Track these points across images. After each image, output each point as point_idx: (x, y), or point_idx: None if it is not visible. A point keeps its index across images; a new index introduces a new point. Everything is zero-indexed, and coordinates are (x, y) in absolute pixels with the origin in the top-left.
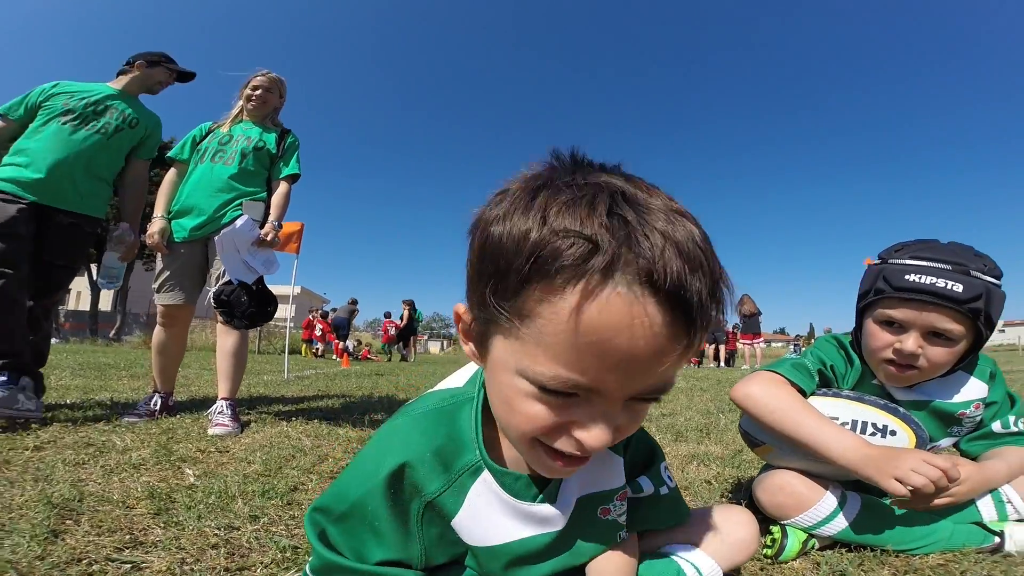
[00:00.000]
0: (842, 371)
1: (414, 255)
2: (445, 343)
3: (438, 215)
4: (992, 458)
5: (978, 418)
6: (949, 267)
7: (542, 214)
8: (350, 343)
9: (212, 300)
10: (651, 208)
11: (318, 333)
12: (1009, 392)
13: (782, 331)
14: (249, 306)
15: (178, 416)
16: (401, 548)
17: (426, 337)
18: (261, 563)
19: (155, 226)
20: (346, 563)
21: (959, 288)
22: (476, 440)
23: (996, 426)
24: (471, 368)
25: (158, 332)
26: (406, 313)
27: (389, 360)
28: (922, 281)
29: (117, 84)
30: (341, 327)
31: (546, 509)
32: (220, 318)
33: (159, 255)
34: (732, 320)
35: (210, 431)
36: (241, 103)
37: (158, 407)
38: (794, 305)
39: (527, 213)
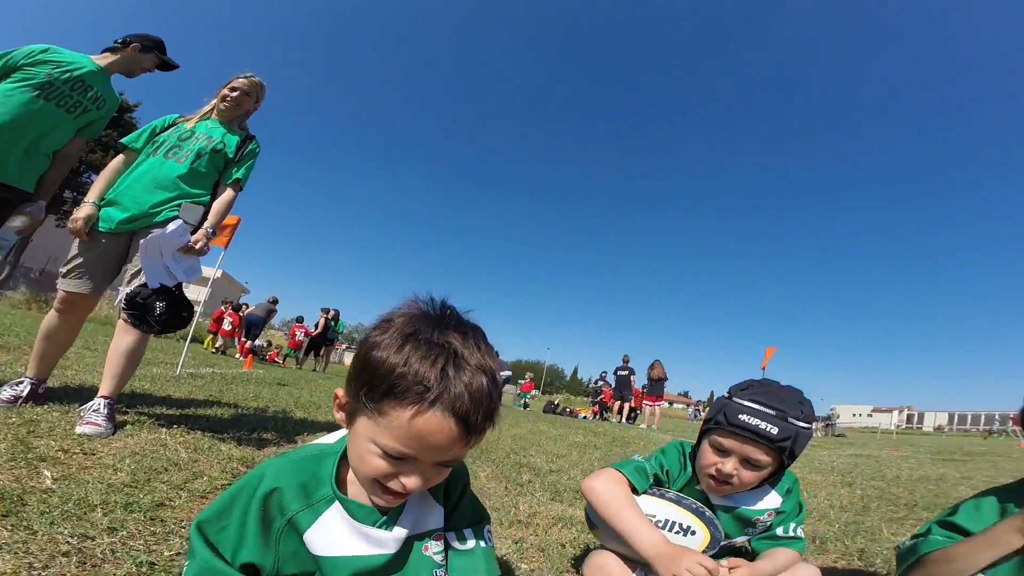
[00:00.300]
0: (675, 475)
1: (352, 260)
2: None
3: (384, 222)
4: (766, 557)
5: (769, 523)
6: (773, 413)
7: (405, 358)
8: (260, 342)
9: (124, 301)
10: (467, 367)
11: (226, 327)
12: (800, 502)
13: (686, 394)
14: (163, 312)
15: (46, 406)
16: (260, 555)
17: (344, 347)
18: (114, 574)
19: (82, 211)
20: (223, 567)
21: (775, 431)
22: (331, 480)
23: (780, 530)
24: (341, 432)
25: (51, 317)
26: (322, 321)
27: (299, 367)
28: (749, 421)
29: (102, 60)
30: (255, 325)
31: (382, 533)
32: (127, 319)
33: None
34: (641, 381)
35: (78, 429)
36: (215, 101)
37: (25, 394)
38: (699, 371)
39: (399, 353)
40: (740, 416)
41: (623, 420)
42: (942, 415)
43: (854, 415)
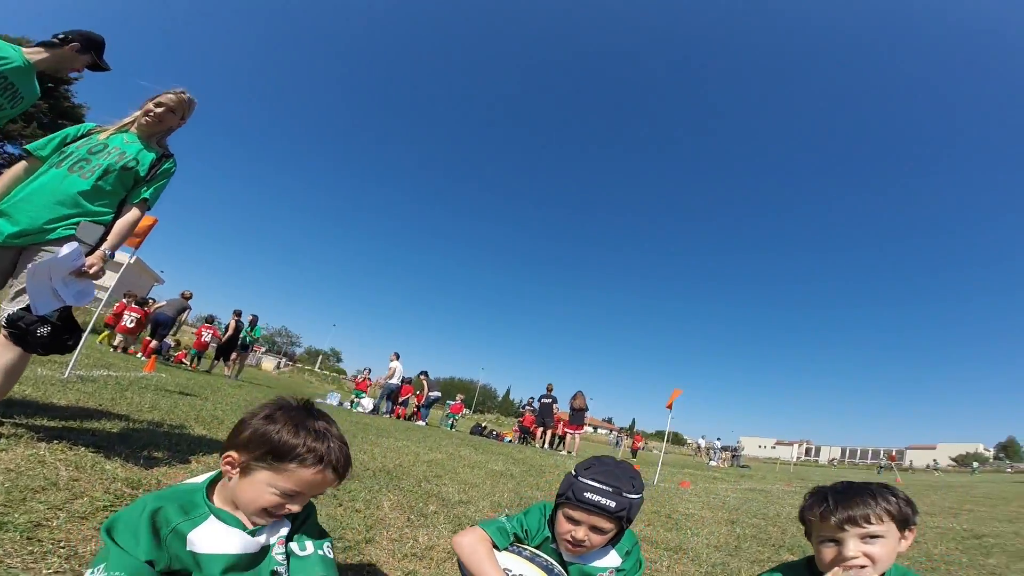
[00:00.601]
0: (534, 533)
1: (282, 263)
2: (283, 362)
3: (321, 230)
4: None
5: None
6: (610, 490)
7: (303, 439)
8: (169, 341)
9: (3, 320)
10: (336, 440)
11: (128, 325)
12: (639, 560)
13: (609, 420)
14: (45, 337)
15: None
16: (156, 554)
17: (264, 350)
18: None
19: None
20: (135, 560)
21: (613, 504)
22: (204, 502)
23: None
24: (205, 475)
25: None
26: (232, 324)
27: (209, 372)
28: (592, 498)
29: (33, 55)
30: (163, 325)
31: (248, 538)
32: (7, 336)
33: None
34: (564, 409)
35: None
36: (137, 114)
37: None
38: (623, 400)
39: (296, 436)
40: (585, 493)
41: (545, 445)
42: (836, 449)
43: (759, 447)
